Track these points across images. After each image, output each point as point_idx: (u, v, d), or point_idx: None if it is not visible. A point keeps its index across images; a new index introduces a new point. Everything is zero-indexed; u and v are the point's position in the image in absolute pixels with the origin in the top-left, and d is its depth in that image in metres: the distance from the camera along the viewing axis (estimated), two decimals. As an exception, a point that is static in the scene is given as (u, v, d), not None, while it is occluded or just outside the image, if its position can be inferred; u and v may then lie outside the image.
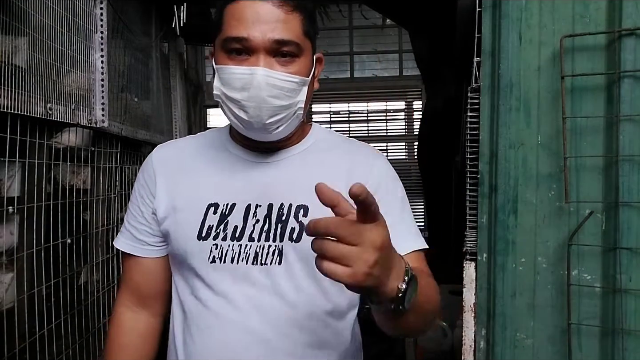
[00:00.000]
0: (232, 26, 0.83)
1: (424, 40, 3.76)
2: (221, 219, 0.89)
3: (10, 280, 1.52)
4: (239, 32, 0.82)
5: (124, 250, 0.99)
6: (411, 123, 6.44)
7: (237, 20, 0.82)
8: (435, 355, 2.35)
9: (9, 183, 1.51)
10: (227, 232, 0.88)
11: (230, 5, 0.84)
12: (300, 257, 0.87)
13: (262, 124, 0.84)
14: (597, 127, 1.13)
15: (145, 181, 0.96)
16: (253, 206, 0.89)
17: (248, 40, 0.82)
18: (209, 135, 1.01)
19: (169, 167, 0.96)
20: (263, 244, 0.87)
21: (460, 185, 1.69)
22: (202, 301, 0.88)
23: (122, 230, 1.00)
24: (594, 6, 1.13)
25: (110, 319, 1.05)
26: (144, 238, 0.96)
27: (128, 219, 0.99)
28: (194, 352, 0.90)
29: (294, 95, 0.85)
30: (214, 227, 0.89)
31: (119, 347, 1.00)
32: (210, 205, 0.90)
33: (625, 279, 1.10)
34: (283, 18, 0.82)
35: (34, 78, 1.47)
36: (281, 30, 0.82)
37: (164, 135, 2.84)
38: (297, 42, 0.84)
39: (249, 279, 0.87)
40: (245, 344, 0.86)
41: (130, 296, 1.01)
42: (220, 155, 0.95)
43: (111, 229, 2.14)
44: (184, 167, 0.95)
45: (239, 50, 0.83)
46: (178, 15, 2.84)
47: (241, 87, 0.83)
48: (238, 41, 0.82)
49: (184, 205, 0.91)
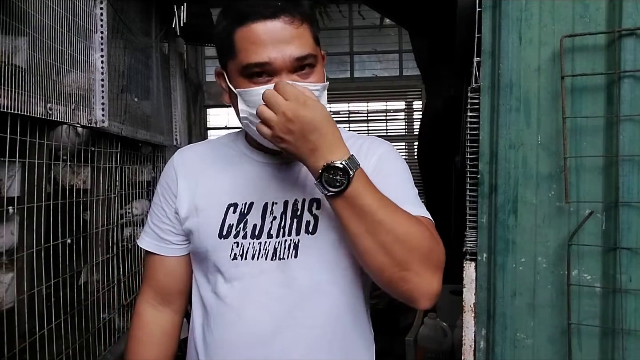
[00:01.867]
0: (250, 51, 0.83)
1: (424, 40, 3.76)
2: (240, 218, 0.92)
3: (10, 280, 1.52)
4: (259, 57, 0.82)
5: (150, 249, 1.01)
6: (411, 123, 6.45)
7: (254, 44, 0.82)
8: (435, 355, 2.35)
9: (9, 183, 1.51)
10: (247, 230, 0.91)
11: (240, 29, 0.83)
12: (316, 249, 0.90)
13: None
14: (597, 127, 1.13)
15: (167, 183, 1.00)
16: (270, 204, 0.92)
17: (270, 64, 0.82)
18: (225, 139, 1.05)
19: (189, 169, 0.99)
20: (280, 240, 0.90)
21: (460, 185, 1.69)
22: (222, 297, 0.91)
23: (146, 230, 1.03)
24: (594, 6, 1.13)
25: (132, 317, 1.07)
26: (168, 237, 0.99)
27: (152, 220, 1.02)
28: (214, 346, 0.92)
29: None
30: (234, 225, 0.92)
31: (144, 344, 1.02)
32: (230, 205, 0.93)
33: (625, 279, 1.10)
34: (296, 34, 0.83)
35: (34, 78, 1.47)
36: (297, 47, 0.83)
37: (164, 135, 2.84)
38: (313, 53, 0.86)
39: (268, 275, 0.89)
40: (265, 339, 0.88)
41: (154, 294, 1.03)
42: (237, 158, 0.98)
43: (111, 229, 2.14)
44: (204, 169, 0.98)
45: (259, 73, 0.84)
46: (178, 15, 2.85)
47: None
48: (260, 66, 0.83)
49: (205, 205, 0.95)
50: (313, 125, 0.76)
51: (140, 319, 1.03)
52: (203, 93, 6.31)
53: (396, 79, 6.42)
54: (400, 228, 0.78)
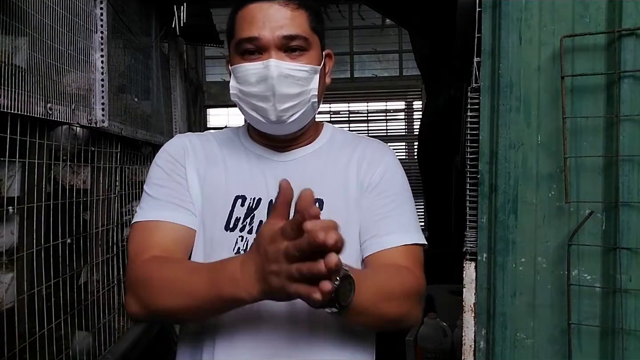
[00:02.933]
0: (243, 29, 0.88)
1: (424, 40, 3.76)
2: (248, 212, 0.92)
3: (10, 280, 1.52)
4: (250, 32, 0.87)
5: (163, 219, 0.89)
6: (411, 123, 6.45)
7: (248, 22, 0.88)
8: (435, 355, 2.34)
9: (9, 183, 1.51)
10: (253, 225, 0.91)
11: (240, 11, 0.90)
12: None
13: (278, 112, 0.88)
14: (597, 127, 1.13)
15: (174, 158, 0.95)
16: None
17: (259, 39, 0.87)
18: (227, 132, 1.05)
19: (197, 152, 0.97)
20: None
21: (460, 185, 1.69)
22: None
23: (152, 205, 0.92)
24: (594, 6, 1.13)
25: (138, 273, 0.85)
26: (189, 206, 0.92)
27: (162, 193, 0.92)
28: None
29: (306, 84, 0.90)
30: (241, 219, 0.92)
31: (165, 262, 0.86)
32: (237, 197, 0.93)
33: (625, 279, 1.10)
34: (290, 15, 0.88)
35: (34, 78, 1.47)
36: (289, 27, 0.87)
37: (164, 135, 2.84)
38: (305, 36, 0.89)
39: None
40: (266, 333, 0.87)
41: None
42: (241, 152, 0.99)
43: (111, 229, 2.14)
44: (210, 157, 0.97)
45: (251, 51, 0.88)
46: (178, 15, 2.85)
47: (256, 81, 0.88)
48: (250, 41, 0.87)
49: (211, 194, 0.94)
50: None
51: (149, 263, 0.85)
52: (203, 93, 6.30)
53: (396, 79, 6.42)
54: (394, 304, 0.85)
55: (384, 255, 0.92)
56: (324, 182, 0.95)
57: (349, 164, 0.98)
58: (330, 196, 0.93)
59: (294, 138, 0.98)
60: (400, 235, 0.93)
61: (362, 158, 0.98)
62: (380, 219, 0.94)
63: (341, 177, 0.96)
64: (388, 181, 0.97)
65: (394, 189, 0.97)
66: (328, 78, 1.00)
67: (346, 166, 0.98)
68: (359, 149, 1.00)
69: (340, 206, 0.94)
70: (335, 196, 0.94)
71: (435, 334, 2.36)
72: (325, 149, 1.01)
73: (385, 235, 0.92)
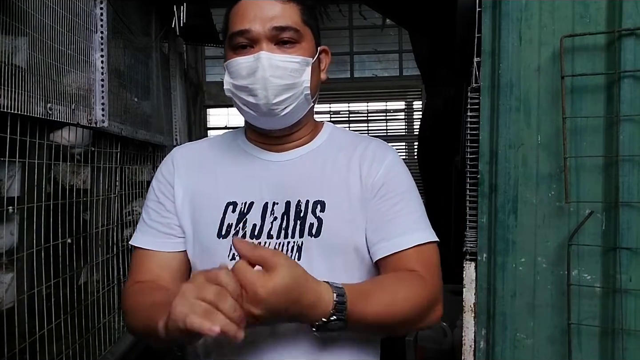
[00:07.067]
0: (235, 23, 0.90)
1: (424, 40, 3.76)
2: (240, 218, 0.92)
3: (10, 280, 1.52)
4: (242, 25, 0.88)
5: (150, 247, 0.95)
6: (411, 123, 6.45)
7: (240, 16, 0.89)
8: (435, 355, 2.34)
9: (9, 183, 1.51)
10: (247, 230, 0.91)
11: (233, 7, 0.91)
12: (320, 252, 0.89)
13: (270, 104, 0.88)
14: (597, 127, 1.13)
15: (164, 176, 0.99)
16: (270, 204, 0.92)
17: (250, 31, 0.88)
18: (226, 136, 1.05)
19: (188, 164, 0.99)
20: (282, 241, 0.90)
21: (460, 185, 1.69)
22: None
23: (142, 229, 0.98)
24: (594, 6, 1.13)
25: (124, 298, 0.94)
26: (170, 231, 0.96)
27: (150, 217, 0.98)
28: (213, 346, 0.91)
29: (297, 75, 0.90)
30: (233, 225, 0.91)
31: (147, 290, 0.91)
32: (229, 203, 0.93)
33: (625, 279, 1.10)
34: (280, 8, 0.89)
35: (34, 78, 1.47)
36: (280, 18, 0.88)
37: (164, 135, 2.84)
38: (296, 27, 0.89)
39: None
40: (264, 339, 0.87)
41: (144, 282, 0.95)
42: (237, 156, 0.99)
43: (111, 229, 2.14)
44: (202, 166, 0.98)
45: (244, 45, 0.89)
46: (178, 15, 2.84)
47: (247, 74, 0.88)
48: (241, 34, 0.88)
49: (202, 204, 0.94)
50: (279, 308, 0.71)
51: (133, 288, 0.92)
52: (203, 93, 6.31)
53: (396, 79, 6.42)
54: (400, 314, 0.84)
55: (395, 259, 0.91)
56: (323, 182, 0.94)
57: (350, 164, 0.96)
58: (332, 196, 0.93)
59: (290, 135, 0.98)
60: (410, 236, 0.91)
61: (363, 158, 0.97)
62: (389, 220, 0.92)
63: (342, 177, 0.95)
64: (392, 181, 0.96)
65: (399, 188, 0.96)
66: (324, 74, 0.99)
67: (347, 166, 0.96)
68: (360, 149, 0.99)
69: (343, 206, 0.93)
70: (338, 196, 0.93)
71: (435, 334, 2.36)
72: (323, 149, 1.00)
73: (395, 238, 0.91)
